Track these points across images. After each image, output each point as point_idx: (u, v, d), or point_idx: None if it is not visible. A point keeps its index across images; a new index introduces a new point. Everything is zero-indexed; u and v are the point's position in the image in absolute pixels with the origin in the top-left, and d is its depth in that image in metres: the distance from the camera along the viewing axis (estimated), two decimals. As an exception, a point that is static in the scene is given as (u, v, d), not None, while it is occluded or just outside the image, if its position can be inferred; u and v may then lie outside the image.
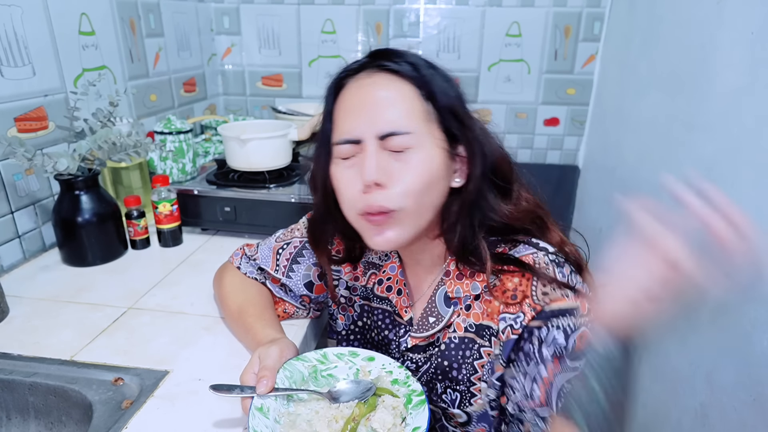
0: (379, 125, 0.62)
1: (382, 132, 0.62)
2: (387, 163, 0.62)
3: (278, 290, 0.85)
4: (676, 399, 1.15)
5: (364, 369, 0.70)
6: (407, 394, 0.65)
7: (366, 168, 0.62)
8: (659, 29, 1.38)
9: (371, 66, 0.66)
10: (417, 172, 0.63)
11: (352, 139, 0.64)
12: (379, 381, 0.67)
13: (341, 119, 0.66)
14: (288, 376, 0.66)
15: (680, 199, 0.45)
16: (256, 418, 0.59)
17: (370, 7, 1.83)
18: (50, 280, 0.99)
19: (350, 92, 0.66)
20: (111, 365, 0.75)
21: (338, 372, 0.70)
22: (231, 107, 2.04)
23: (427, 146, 0.63)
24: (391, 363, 0.69)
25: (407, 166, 0.62)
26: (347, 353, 0.71)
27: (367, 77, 0.65)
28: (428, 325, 0.71)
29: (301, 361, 0.69)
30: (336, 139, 0.66)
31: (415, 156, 0.63)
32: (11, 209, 1.04)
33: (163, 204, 1.11)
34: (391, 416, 0.62)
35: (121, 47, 1.36)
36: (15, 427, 0.75)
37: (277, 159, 1.24)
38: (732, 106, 1.01)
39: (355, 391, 0.66)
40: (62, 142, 1.12)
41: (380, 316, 0.78)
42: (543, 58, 1.83)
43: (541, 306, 0.62)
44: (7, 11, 0.99)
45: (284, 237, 0.86)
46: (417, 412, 0.62)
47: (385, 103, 0.63)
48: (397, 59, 0.65)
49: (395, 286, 0.76)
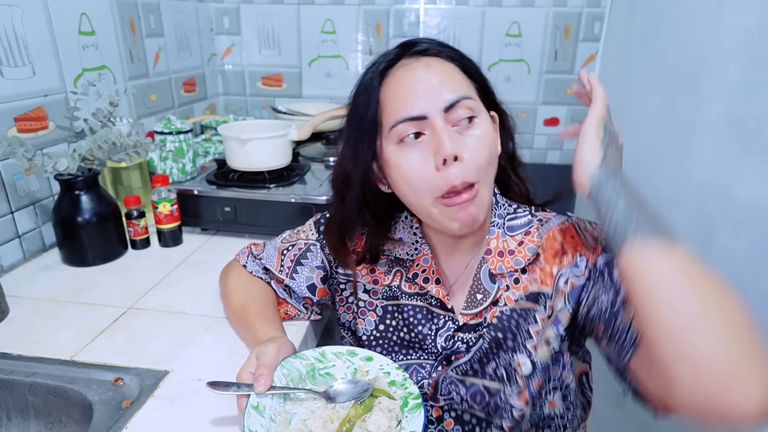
0: (442, 96, 0.63)
1: (447, 102, 0.63)
2: (457, 138, 0.63)
3: (282, 291, 0.85)
4: (676, 399, 1.15)
5: (362, 369, 0.69)
6: (404, 396, 0.65)
7: (443, 142, 0.62)
8: (659, 29, 1.38)
9: (408, 54, 0.68)
10: (484, 143, 0.65)
11: (416, 116, 0.63)
12: (377, 382, 0.67)
13: (396, 102, 0.65)
14: (285, 374, 0.66)
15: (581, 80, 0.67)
16: (251, 417, 0.59)
17: (370, 7, 1.83)
18: (50, 280, 0.99)
19: (400, 76, 0.66)
20: (111, 365, 0.75)
21: (336, 371, 0.70)
22: (231, 107, 2.05)
23: (483, 116, 0.67)
24: (389, 364, 0.69)
25: (474, 138, 0.64)
26: (345, 352, 0.71)
27: (413, 61, 0.67)
28: (476, 302, 0.71)
29: (299, 359, 0.69)
30: (395, 119, 0.65)
31: (477, 128, 0.65)
32: (11, 209, 1.04)
33: (163, 204, 1.11)
34: (386, 419, 0.61)
35: (121, 47, 1.36)
36: (15, 427, 0.75)
37: (277, 159, 1.24)
38: (732, 106, 1.01)
39: (352, 392, 0.66)
40: (62, 142, 1.12)
41: (411, 313, 0.75)
42: (543, 58, 1.83)
43: (600, 246, 0.67)
44: (7, 11, 1.00)
45: (290, 238, 0.86)
46: (413, 415, 0.62)
47: (441, 77, 0.65)
48: (432, 44, 0.68)
49: (432, 277, 0.74)
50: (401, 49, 0.69)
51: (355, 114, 0.70)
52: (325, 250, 0.82)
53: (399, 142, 0.65)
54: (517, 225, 0.72)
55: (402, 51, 0.69)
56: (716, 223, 1.04)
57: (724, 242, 1.01)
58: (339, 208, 0.75)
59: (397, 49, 0.69)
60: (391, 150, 0.66)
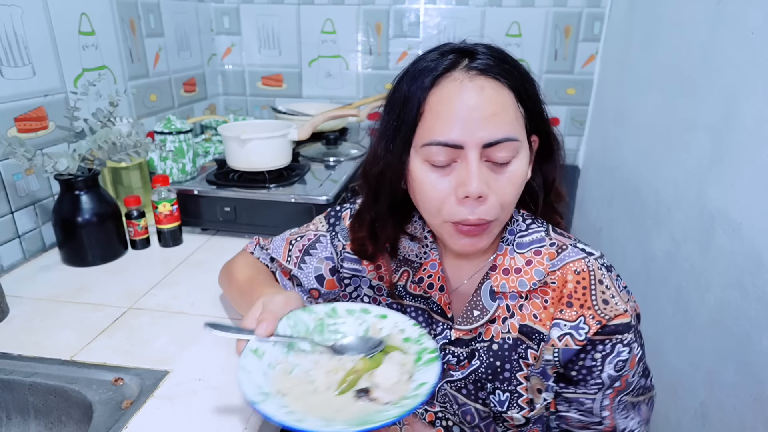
0: (487, 132, 0.58)
1: (490, 140, 0.58)
2: (487, 175, 0.60)
3: (286, 283, 0.84)
4: (676, 399, 1.15)
5: (375, 326, 0.65)
6: (418, 351, 0.60)
7: (472, 181, 0.58)
8: (659, 29, 1.38)
9: (466, 66, 0.61)
10: (515, 183, 0.62)
11: (451, 143, 0.59)
12: (390, 339, 0.63)
13: (436, 120, 0.60)
14: (291, 326, 0.62)
15: None
16: (247, 358, 0.56)
17: (370, 7, 1.83)
18: (50, 280, 0.99)
19: (448, 93, 0.60)
20: (111, 365, 0.75)
21: (346, 328, 0.66)
22: (231, 107, 2.05)
23: (522, 153, 0.62)
24: (405, 321, 0.65)
25: (506, 177, 0.61)
26: (358, 309, 0.67)
27: (467, 79, 0.60)
28: (472, 318, 0.69)
29: (308, 312, 0.65)
30: (429, 138, 0.60)
31: (512, 166, 0.61)
32: (11, 209, 1.04)
33: (163, 204, 1.11)
34: (397, 372, 0.58)
35: (121, 47, 1.36)
36: (15, 427, 0.75)
37: (277, 159, 1.24)
38: (732, 106, 1.01)
39: (361, 347, 0.62)
40: (62, 142, 1.12)
41: (413, 315, 0.75)
42: (543, 58, 1.83)
43: (605, 320, 0.62)
44: (7, 11, 1.00)
45: (299, 231, 0.85)
46: (426, 368, 0.57)
47: (493, 110, 0.59)
48: (492, 59, 0.61)
49: (437, 283, 0.74)
50: (458, 56, 0.62)
51: (394, 109, 0.65)
52: (334, 241, 0.81)
53: (426, 160, 0.62)
54: (526, 242, 0.69)
55: (458, 59, 0.61)
56: (716, 223, 1.04)
57: (724, 242, 1.01)
58: (371, 204, 0.72)
59: (453, 56, 0.62)
60: (417, 164, 0.63)
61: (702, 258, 1.08)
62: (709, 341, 1.04)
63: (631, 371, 0.64)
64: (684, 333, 1.14)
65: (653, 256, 1.31)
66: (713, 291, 1.03)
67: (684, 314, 1.14)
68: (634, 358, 0.64)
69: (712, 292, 1.03)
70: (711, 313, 1.04)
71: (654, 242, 1.31)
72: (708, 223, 1.06)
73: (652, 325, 1.27)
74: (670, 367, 1.19)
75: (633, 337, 0.63)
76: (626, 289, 0.67)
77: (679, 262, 1.17)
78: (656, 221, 1.30)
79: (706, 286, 1.06)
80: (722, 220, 1.02)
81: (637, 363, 0.64)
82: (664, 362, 1.21)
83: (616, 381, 0.64)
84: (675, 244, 1.20)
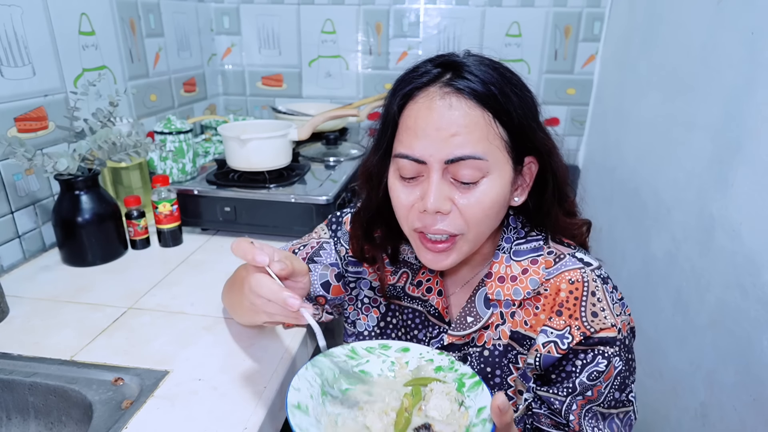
0: (447, 149, 0.59)
1: (449, 157, 0.59)
2: (450, 192, 0.61)
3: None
4: (676, 399, 1.15)
5: (400, 361, 0.64)
6: (457, 378, 0.60)
7: (429, 196, 0.60)
8: (659, 29, 1.38)
9: (444, 82, 0.61)
10: (482, 203, 0.61)
11: (416, 158, 0.61)
12: (421, 371, 0.63)
13: (406, 134, 0.62)
14: (318, 374, 0.60)
15: None
16: (297, 417, 0.52)
17: (370, 7, 1.83)
18: (50, 280, 0.99)
19: (419, 108, 0.61)
20: (111, 365, 0.75)
21: (371, 367, 0.64)
22: (231, 107, 2.05)
23: (495, 173, 0.61)
24: (429, 351, 0.65)
25: (474, 196, 0.61)
26: (377, 346, 0.66)
27: (439, 97, 0.60)
28: (466, 324, 0.70)
29: (329, 357, 0.62)
30: (398, 151, 0.63)
31: (482, 186, 0.61)
32: (11, 209, 1.04)
33: (163, 204, 1.11)
34: (447, 401, 0.57)
35: (121, 47, 1.36)
36: (15, 427, 0.75)
37: (277, 159, 1.24)
38: (732, 106, 1.01)
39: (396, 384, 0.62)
40: (62, 142, 1.12)
41: (410, 316, 0.76)
42: (543, 58, 1.83)
43: (590, 332, 0.63)
44: (7, 11, 1.00)
45: (301, 241, 0.85)
46: (474, 393, 0.57)
47: (457, 128, 0.59)
48: (473, 77, 0.60)
49: (435, 287, 0.74)
50: (443, 70, 0.62)
51: (382, 114, 0.67)
52: (337, 246, 0.81)
53: (397, 170, 0.64)
54: (523, 250, 0.70)
55: (441, 73, 0.62)
56: (716, 223, 1.04)
57: (724, 242, 1.01)
58: (366, 204, 0.74)
59: (438, 70, 0.62)
60: (392, 172, 0.66)
61: (702, 258, 1.08)
62: (709, 341, 1.04)
63: (605, 383, 0.64)
64: (684, 333, 1.14)
65: (653, 257, 1.31)
66: (713, 291, 1.03)
67: (684, 314, 1.14)
68: (611, 371, 0.63)
69: (712, 293, 1.03)
70: (711, 313, 1.04)
71: (654, 242, 1.31)
72: (708, 223, 1.06)
73: (652, 325, 1.27)
74: (670, 367, 1.19)
75: (616, 351, 0.63)
76: (621, 302, 0.66)
77: (679, 262, 1.17)
78: (656, 221, 1.30)
79: (706, 287, 1.06)
80: (722, 220, 1.02)
81: (614, 376, 0.64)
82: (664, 362, 1.21)
83: (587, 390, 0.64)
84: (675, 244, 1.20)
